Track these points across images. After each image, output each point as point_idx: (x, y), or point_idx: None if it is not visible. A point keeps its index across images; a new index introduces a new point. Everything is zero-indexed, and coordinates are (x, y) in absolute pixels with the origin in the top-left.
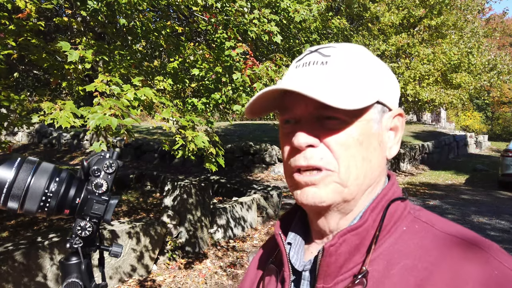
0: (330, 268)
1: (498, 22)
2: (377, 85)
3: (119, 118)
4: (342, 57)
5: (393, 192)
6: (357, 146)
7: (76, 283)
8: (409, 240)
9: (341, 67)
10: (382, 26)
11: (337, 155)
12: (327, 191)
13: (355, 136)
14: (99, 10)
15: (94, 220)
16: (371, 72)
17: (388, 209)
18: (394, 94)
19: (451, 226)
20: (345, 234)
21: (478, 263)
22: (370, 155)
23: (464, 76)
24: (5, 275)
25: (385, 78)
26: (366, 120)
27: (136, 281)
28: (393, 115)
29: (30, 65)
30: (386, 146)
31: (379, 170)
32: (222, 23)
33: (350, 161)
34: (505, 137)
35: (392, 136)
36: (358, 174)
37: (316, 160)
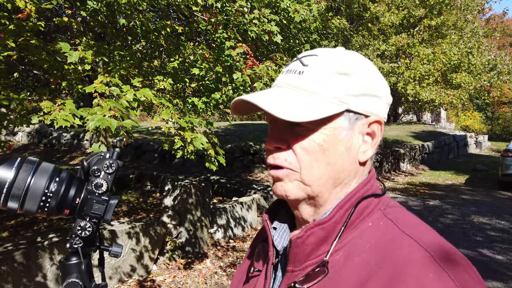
0: (298, 256)
1: (498, 22)
2: (349, 94)
3: (118, 120)
4: (319, 67)
5: (366, 190)
6: (320, 152)
7: (76, 283)
8: (370, 236)
9: (314, 78)
10: (382, 26)
11: (299, 158)
12: (292, 186)
13: (318, 142)
14: (99, 10)
15: (94, 220)
16: (345, 82)
17: (359, 205)
18: (376, 101)
19: (413, 226)
20: (312, 228)
21: (418, 265)
22: (335, 160)
23: (464, 76)
24: (5, 275)
25: (365, 86)
26: (333, 128)
27: (136, 281)
28: (369, 122)
29: (30, 65)
30: (357, 150)
31: (347, 171)
32: (222, 23)
33: (312, 164)
34: (505, 137)
35: (369, 140)
36: (320, 175)
37: (281, 161)
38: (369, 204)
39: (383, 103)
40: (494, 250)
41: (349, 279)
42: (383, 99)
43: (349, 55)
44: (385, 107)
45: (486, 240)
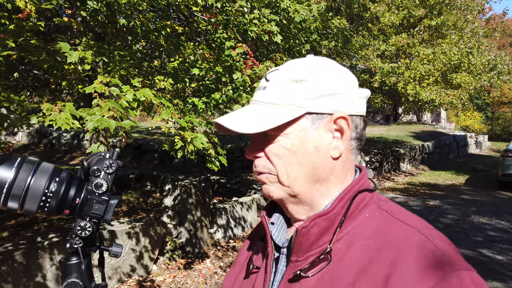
0: (302, 246)
1: (498, 22)
2: (307, 98)
3: (117, 120)
4: (278, 79)
5: (361, 185)
6: (290, 155)
7: (76, 283)
8: (369, 225)
9: (273, 91)
10: (382, 26)
11: (274, 163)
12: (273, 188)
13: (287, 147)
14: (99, 10)
15: (94, 220)
16: (300, 88)
17: (355, 199)
18: (337, 98)
19: (406, 214)
20: (316, 219)
21: (417, 246)
22: (307, 159)
23: (464, 76)
24: (5, 275)
25: (321, 88)
26: (298, 131)
27: (136, 281)
28: (333, 119)
29: (30, 65)
30: (328, 147)
31: (322, 168)
32: (222, 23)
33: (286, 167)
34: (505, 137)
35: (338, 136)
36: (295, 176)
37: (260, 168)
38: (364, 198)
39: (349, 99)
40: (494, 250)
41: (352, 264)
42: (349, 95)
43: (307, 63)
44: (354, 101)
45: (486, 240)
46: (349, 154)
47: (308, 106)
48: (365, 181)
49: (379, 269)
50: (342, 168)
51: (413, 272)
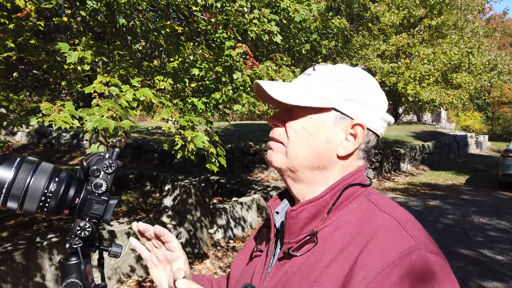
0: (292, 228)
1: (498, 22)
2: (338, 97)
3: (116, 120)
4: (322, 73)
5: (353, 179)
6: (305, 134)
7: (76, 283)
8: (354, 214)
9: (315, 80)
10: (382, 26)
11: (289, 135)
12: (277, 156)
13: (305, 127)
14: (99, 10)
15: (93, 220)
16: (336, 86)
17: (346, 190)
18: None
19: (389, 206)
20: (305, 204)
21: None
22: (316, 145)
23: (465, 76)
24: (4, 275)
25: (353, 93)
26: (320, 119)
27: (135, 282)
28: (352, 123)
29: (30, 65)
30: (338, 144)
31: (325, 159)
32: (222, 23)
33: (296, 142)
34: (506, 137)
35: (351, 139)
36: (300, 153)
37: (276, 134)
38: (356, 191)
39: (373, 114)
40: (495, 251)
41: (334, 246)
42: (371, 108)
43: (349, 69)
44: (377, 119)
45: (486, 240)
46: (354, 159)
47: (338, 104)
48: (359, 176)
49: (354, 248)
50: (343, 166)
51: (378, 248)
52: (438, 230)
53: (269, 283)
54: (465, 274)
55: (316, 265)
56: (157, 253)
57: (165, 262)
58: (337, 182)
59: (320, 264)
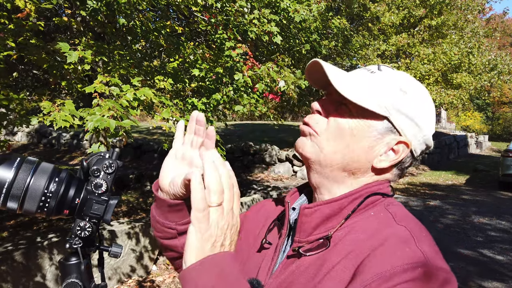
0: (304, 226)
1: (498, 22)
2: (395, 108)
3: (117, 120)
4: (388, 76)
5: (378, 188)
6: (348, 133)
7: (76, 284)
8: (370, 222)
9: (378, 80)
10: (382, 26)
11: (329, 127)
12: (309, 144)
13: (351, 126)
14: (99, 9)
15: (93, 220)
16: (398, 97)
17: (368, 198)
18: (414, 128)
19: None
20: (320, 205)
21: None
22: (355, 148)
23: (465, 76)
24: (4, 275)
25: (411, 110)
26: (369, 124)
27: (136, 282)
28: (399, 140)
29: (30, 65)
30: (376, 155)
31: (358, 164)
32: (222, 23)
33: (336, 137)
34: (506, 138)
35: (391, 155)
36: (336, 150)
37: (314, 122)
38: (376, 200)
39: (419, 135)
40: (495, 251)
41: (342, 250)
42: (422, 132)
43: (415, 82)
44: (420, 141)
45: (486, 241)
46: (386, 175)
47: (392, 115)
48: (384, 187)
49: (361, 252)
50: (371, 177)
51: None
52: (438, 230)
53: (275, 280)
54: (465, 274)
55: (322, 266)
56: (187, 150)
57: (188, 163)
58: (360, 188)
59: (326, 266)
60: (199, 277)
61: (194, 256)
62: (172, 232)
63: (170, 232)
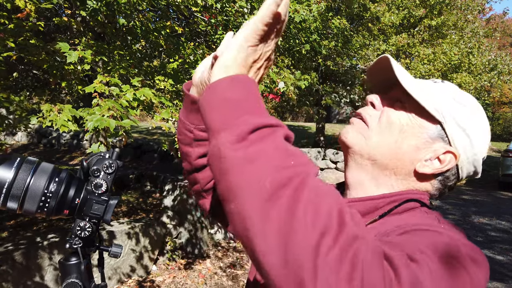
0: None
1: (498, 22)
2: (451, 117)
3: (117, 120)
4: (450, 91)
5: (419, 196)
6: (398, 128)
7: (76, 283)
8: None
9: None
10: (382, 26)
11: (380, 121)
12: (355, 134)
13: (402, 122)
14: (99, 10)
15: (93, 220)
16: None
17: (408, 202)
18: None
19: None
20: (354, 202)
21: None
22: (402, 145)
23: (465, 76)
24: (5, 275)
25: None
26: (420, 124)
27: (135, 282)
28: (447, 149)
29: (30, 65)
30: (421, 158)
31: (401, 163)
32: (222, 24)
33: (384, 132)
34: (506, 138)
35: (435, 163)
36: (381, 144)
37: (366, 114)
38: (415, 206)
39: (470, 152)
40: (495, 251)
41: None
42: (473, 149)
43: (475, 101)
44: (470, 160)
45: (486, 241)
46: (426, 183)
47: (447, 122)
48: (425, 198)
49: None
50: (411, 182)
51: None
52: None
53: None
54: None
55: None
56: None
57: None
58: (402, 191)
59: None
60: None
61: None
62: (189, 135)
63: (188, 136)
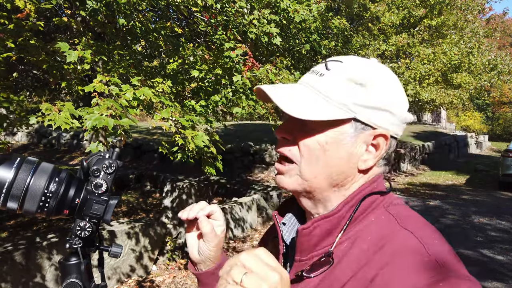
0: (303, 246)
1: (498, 22)
2: (359, 105)
3: (116, 119)
4: (339, 73)
5: (371, 188)
6: (321, 151)
7: (76, 284)
8: (372, 229)
9: (330, 83)
10: (382, 26)
11: (301, 153)
12: (290, 180)
13: (321, 143)
14: (98, 10)
15: (93, 220)
16: (358, 92)
17: (363, 202)
18: (387, 116)
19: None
20: (318, 221)
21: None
22: (335, 162)
23: (465, 76)
24: (4, 276)
25: (378, 100)
26: (338, 132)
27: (135, 282)
28: (375, 134)
29: (30, 65)
30: (358, 158)
31: (344, 175)
32: (222, 24)
33: (312, 161)
34: (506, 138)
35: (372, 151)
36: (317, 173)
37: (285, 150)
38: (374, 201)
39: (395, 120)
40: (495, 251)
41: (348, 266)
42: (396, 116)
43: (372, 67)
44: (398, 123)
45: (486, 241)
46: (373, 170)
47: (358, 113)
48: (378, 184)
49: (369, 270)
50: (361, 179)
51: (398, 272)
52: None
53: None
54: None
55: (332, 285)
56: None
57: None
58: (353, 193)
59: (335, 286)
60: None
61: None
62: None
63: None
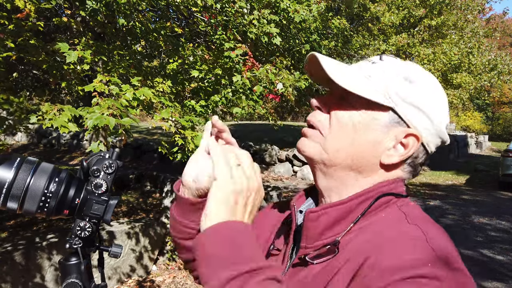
0: (310, 232)
1: (498, 22)
2: (401, 98)
3: (117, 118)
4: (389, 65)
5: (390, 188)
6: (351, 129)
7: (76, 284)
8: (381, 224)
9: (379, 70)
10: (382, 26)
11: (331, 125)
12: (312, 144)
13: (353, 120)
14: (98, 10)
15: (93, 220)
16: (404, 86)
17: (379, 199)
18: (424, 119)
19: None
20: (327, 208)
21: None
22: (360, 144)
23: (465, 76)
24: (4, 276)
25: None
26: (373, 117)
27: (135, 282)
28: (408, 132)
29: (29, 65)
30: (384, 150)
31: (365, 161)
32: (222, 24)
33: (339, 136)
34: (506, 138)
35: (400, 149)
36: (340, 148)
37: (315, 119)
38: (389, 200)
39: (431, 127)
40: (495, 251)
41: (347, 254)
42: (433, 124)
43: (422, 71)
44: (433, 132)
45: (486, 241)
46: (396, 172)
47: (398, 105)
48: (397, 186)
49: (364, 251)
50: (381, 175)
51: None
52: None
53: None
54: None
55: (331, 275)
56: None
57: None
58: (370, 188)
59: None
60: (210, 244)
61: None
62: (192, 232)
63: (190, 232)
